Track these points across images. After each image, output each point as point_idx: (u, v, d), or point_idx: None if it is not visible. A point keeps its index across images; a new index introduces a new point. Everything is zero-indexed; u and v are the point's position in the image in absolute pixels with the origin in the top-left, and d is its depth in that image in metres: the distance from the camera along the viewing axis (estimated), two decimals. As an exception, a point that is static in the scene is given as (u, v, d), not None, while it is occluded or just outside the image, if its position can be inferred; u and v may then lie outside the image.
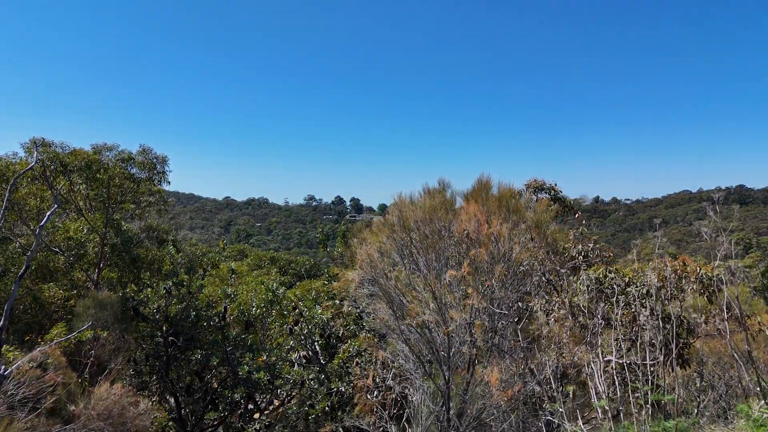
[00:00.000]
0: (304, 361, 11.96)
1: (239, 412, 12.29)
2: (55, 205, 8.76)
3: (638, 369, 7.18)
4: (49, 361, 9.91)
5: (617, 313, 7.76)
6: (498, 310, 7.06)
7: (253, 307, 12.45)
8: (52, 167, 12.86)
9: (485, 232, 7.66)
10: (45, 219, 8.72)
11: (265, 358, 11.34)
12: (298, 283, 16.68)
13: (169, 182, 14.06)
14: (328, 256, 11.51)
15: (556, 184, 12.20)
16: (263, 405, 12.44)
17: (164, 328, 12.37)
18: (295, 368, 11.53)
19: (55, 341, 10.04)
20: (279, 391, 11.36)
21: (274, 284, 11.91)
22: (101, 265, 14.20)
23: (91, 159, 13.10)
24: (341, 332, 12.01)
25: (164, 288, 12.04)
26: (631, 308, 9.23)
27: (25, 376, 9.20)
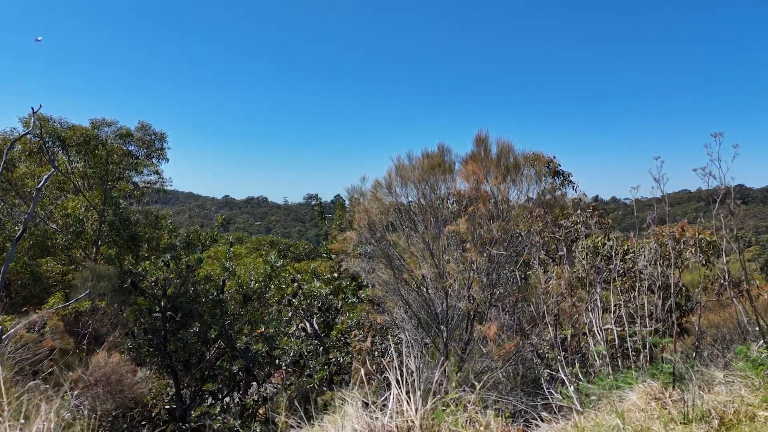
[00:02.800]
0: (303, 333, 11.93)
1: (238, 385, 12.26)
2: (53, 169, 8.74)
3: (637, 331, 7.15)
4: (47, 327, 9.91)
5: (615, 265, 7.74)
6: (497, 252, 7.03)
7: (252, 281, 12.42)
8: (50, 143, 12.83)
9: (483, 189, 7.65)
10: (43, 181, 8.71)
11: (263, 329, 11.32)
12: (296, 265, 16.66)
13: (168, 160, 14.02)
14: (325, 227, 11.49)
15: (555, 157, 12.17)
16: (261, 379, 12.41)
17: (162, 303, 12.34)
18: (293, 341, 11.51)
19: (53, 308, 10.02)
20: (277, 362, 11.33)
21: (273, 257, 11.88)
22: (99, 243, 14.18)
23: (90, 135, 13.07)
24: (340, 305, 11.99)
25: (162, 261, 12.00)
26: (630, 275, 9.23)
27: (23, 339, 9.19)
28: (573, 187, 12.78)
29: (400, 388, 3.47)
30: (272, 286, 12.54)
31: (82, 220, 13.92)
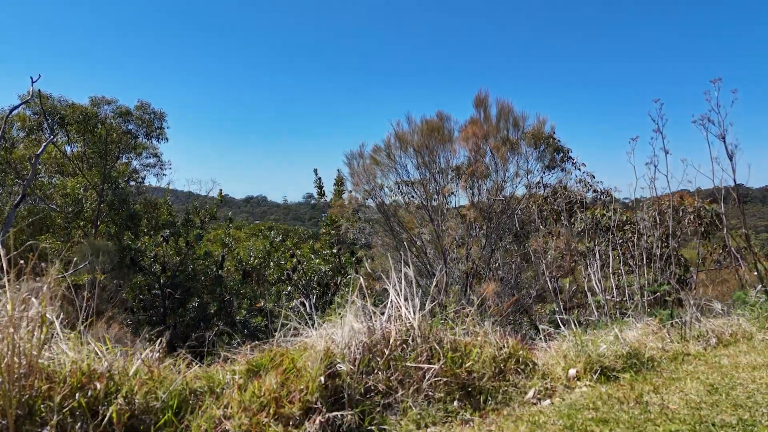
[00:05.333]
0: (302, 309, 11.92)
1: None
2: (51, 137, 8.75)
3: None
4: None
5: (615, 220, 7.75)
6: (495, 198, 7.03)
7: (251, 257, 12.43)
8: (50, 120, 12.84)
9: (482, 149, 7.67)
10: (41, 149, 8.71)
11: (262, 304, 11.32)
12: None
13: (168, 139, 14.03)
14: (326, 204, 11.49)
15: (554, 132, 12.19)
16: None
17: (161, 280, 12.34)
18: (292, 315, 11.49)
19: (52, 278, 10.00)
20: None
21: (272, 233, 11.89)
22: (98, 222, 14.18)
23: (89, 113, 13.08)
24: (339, 280, 11.99)
25: (162, 236, 12.01)
26: (629, 244, 9.24)
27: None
28: (572, 162, 12.80)
29: (398, 296, 3.48)
30: (271, 264, 12.54)
31: (81, 200, 13.91)
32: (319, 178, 11.39)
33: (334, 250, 12.32)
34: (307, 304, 12.31)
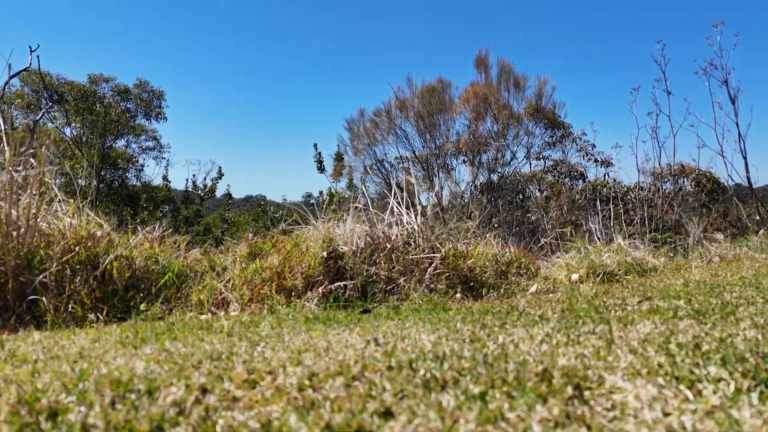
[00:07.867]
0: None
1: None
2: (51, 104, 8.74)
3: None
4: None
5: (613, 187, 7.73)
6: (497, 144, 7.02)
7: (251, 234, 12.43)
8: (48, 95, 12.81)
9: (481, 113, 7.66)
10: (40, 115, 8.70)
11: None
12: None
13: (166, 119, 14.00)
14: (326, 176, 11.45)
15: (555, 108, 12.19)
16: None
17: (161, 257, 12.32)
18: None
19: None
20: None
21: (271, 209, 11.88)
22: (97, 202, 14.14)
23: (88, 91, 13.05)
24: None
25: (161, 212, 12.00)
26: (630, 214, 9.24)
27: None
28: (573, 138, 12.78)
29: (400, 205, 3.46)
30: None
31: (80, 180, 13.87)
32: (319, 153, 11.35)
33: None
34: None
